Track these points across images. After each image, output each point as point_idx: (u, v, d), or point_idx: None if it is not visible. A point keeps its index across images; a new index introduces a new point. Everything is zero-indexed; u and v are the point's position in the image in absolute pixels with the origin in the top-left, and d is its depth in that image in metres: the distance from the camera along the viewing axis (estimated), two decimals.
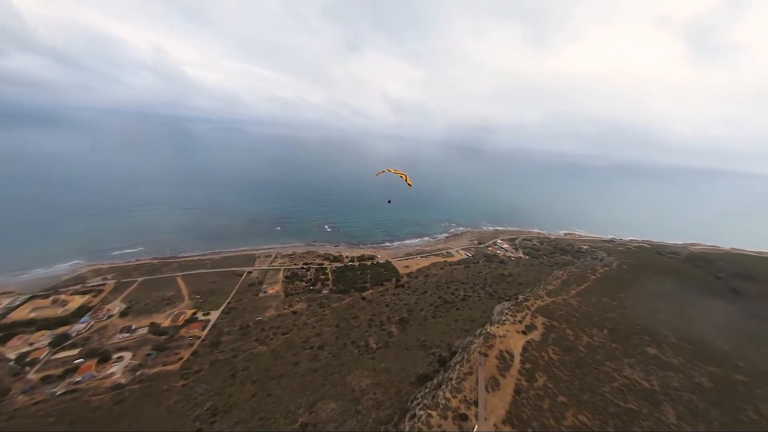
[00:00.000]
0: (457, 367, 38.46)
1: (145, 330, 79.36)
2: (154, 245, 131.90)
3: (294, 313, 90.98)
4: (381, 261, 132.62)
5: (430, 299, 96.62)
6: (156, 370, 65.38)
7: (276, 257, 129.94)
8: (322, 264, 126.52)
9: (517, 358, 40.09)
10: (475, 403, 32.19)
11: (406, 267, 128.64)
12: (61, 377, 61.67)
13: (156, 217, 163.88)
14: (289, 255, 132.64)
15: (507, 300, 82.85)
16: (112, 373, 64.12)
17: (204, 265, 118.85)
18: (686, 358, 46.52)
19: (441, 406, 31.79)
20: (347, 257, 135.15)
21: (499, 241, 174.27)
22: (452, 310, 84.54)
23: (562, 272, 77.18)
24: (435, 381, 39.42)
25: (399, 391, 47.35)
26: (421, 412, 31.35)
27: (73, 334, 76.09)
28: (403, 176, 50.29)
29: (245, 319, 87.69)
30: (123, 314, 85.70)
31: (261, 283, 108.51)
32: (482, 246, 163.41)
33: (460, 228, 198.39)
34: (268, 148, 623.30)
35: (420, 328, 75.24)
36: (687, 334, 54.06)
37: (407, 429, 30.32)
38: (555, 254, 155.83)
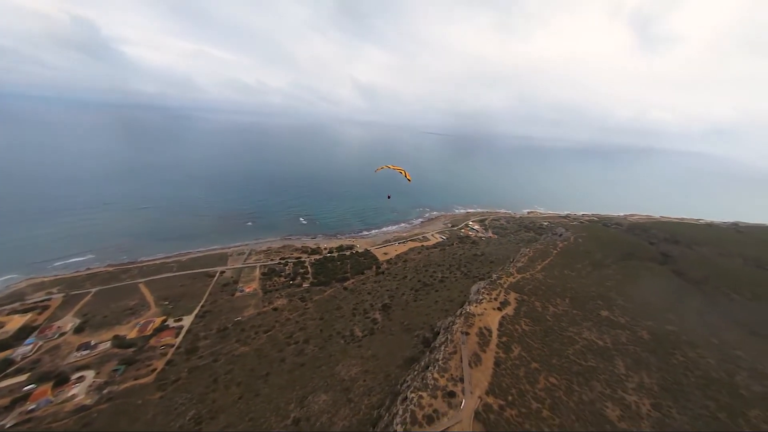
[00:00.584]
0: (442, 347, 40.48)
1: (108, 344, 72.27)
2: (108, 251, 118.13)
3: (275, 309, 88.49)
4: (360, 250, 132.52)
5: (410, 283, 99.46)
6: (127, 385, 60.38)
7: (250, 254, 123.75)
8: (300, 257, 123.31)
9: (495, 333, 43.22)
10: (461, 380, 34.37)
11: (385, 254, 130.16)
12: (9, 408, 54.40)
13: (107, 220, 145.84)
14: (264, 251, 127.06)
15: (482, 279, 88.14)
16: (74, 395, 58.02)
17: (170, 268, 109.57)
18: (630, 316, 53.68)
19: (430, 387, 33.46)
20: (326, 249, 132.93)
21: (470, 222, 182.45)
22: (432, 292, 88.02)
23: (528, 249, 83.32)
24: (422, 363, 41.22)
25: (388, 376, 48.98)
26: (413, 395, 32.77)
27: (18, 359, 66.88)
28: (403, 172, 50.67)
29: (223, 321, 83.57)
30: (78, 330, 76.84)
31: (236, 282, 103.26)
32: (455, 228, 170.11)
33: (434, 212, 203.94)
34: (230, 138, 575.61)
35: (403, 313, 77.56)
36: (630, 296, 62.15)
37: (400, 412, 31.58)
38: (520, 232, 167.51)
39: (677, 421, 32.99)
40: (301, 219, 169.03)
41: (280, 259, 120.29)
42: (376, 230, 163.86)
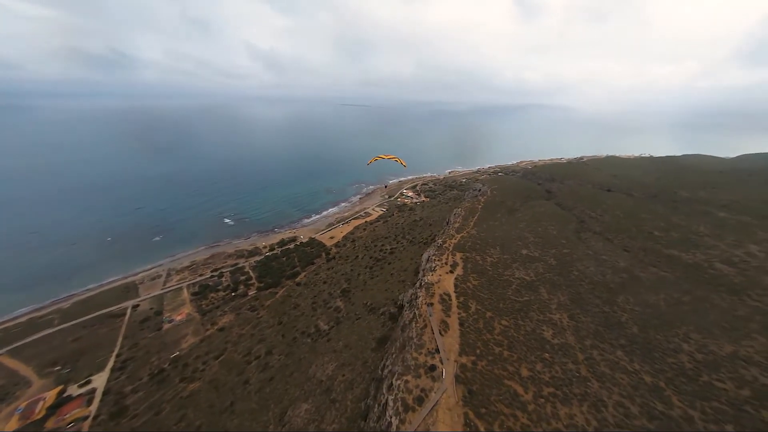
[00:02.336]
0: (413, 324, 41.17)
1: None
2: None
3: (221, 330, 75.89)
4: (304, 240, 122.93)
5: (363, 262, 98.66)
6: None
7: (169, 275, 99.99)
8: (237, 263, 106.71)
9: (453, 296, 46.34)
10: (437, 350, 35.85)
11: (332, 238, 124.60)
12: None
13: None
14: (188, 267, 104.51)
15: (426, 243, 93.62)
16: None
17: (48, 323, 79.59)
18: (540, 248, 65.72)
19: (412, 368, 33.81)
20: (265, 247, 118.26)
21: (404, 190, 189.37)
22: (386, 266, 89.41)
23: (460, 209, 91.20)
24: (398, 343, 41.42)
25: (365, 362, 48.40)
26: (398, 381, 32.56)
27: None
28: (397, 159, 53.10)
29: (155, 364, 67.43)
30: None
31: (159, 313, 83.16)
32: (392, 199, 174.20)
33: (370, 186, 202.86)
34: (86, 130, 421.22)
35: (363, 293, 76.88)
36: (536, 231, 75.85)
37: (390, 402, 31.13)
38: (446, 192, 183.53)
39: (583, 322, 43.04)
40: (227, 220, 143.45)
41: (212, 271, 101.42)
42: (317, 215, 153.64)
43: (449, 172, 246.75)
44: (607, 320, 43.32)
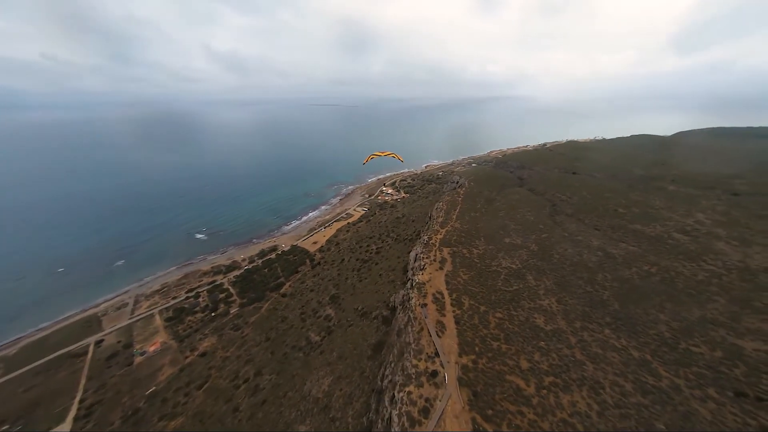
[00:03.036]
0: (409, 328, 39.39)
1: None
2: None
3: (203, 355, 69.32)
4: (286, 248, 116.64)
5: (350, 264, 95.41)
6: None
7: (137, 302, 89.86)
8: (215, 280, 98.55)
9: (446, 294, 45.23)
10: (437, 354, 34.37)
11: (315, 243, 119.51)
12: None
13: None
14: (159, 290, 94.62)
15: (410, 240, 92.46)
16: None
17: None
18: (522, 236, 67.02)
19: (413, 377, 32.02)
20: (244, 260, 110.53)
21: (383, 188, 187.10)
22: (373, 267, 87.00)
23: (441, 203, 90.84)
24: (395, 350, 39.47)
25: (363, 372, 46.02)
26: (401, 394, 30.62)
27: None
28: (394, 155, 53.71)
29: (127, 404, 59.89)
30: None
31: (129, 345, 74.27)
32: (373, 197, 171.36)
33: (350, 186, 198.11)
34: (17, 147, 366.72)
35: (353, 298, 74.03)
36: (516, 219, 77.57)
37: (395, 417, 29.13)
38: (425, 186, 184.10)
39: (571, 305, 43.99)
40: (198, 235, 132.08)
41: (187, 292, 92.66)
42: (297, 221, 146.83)
43: (426, 166, 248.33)
44: (591, 300, 44.64)
